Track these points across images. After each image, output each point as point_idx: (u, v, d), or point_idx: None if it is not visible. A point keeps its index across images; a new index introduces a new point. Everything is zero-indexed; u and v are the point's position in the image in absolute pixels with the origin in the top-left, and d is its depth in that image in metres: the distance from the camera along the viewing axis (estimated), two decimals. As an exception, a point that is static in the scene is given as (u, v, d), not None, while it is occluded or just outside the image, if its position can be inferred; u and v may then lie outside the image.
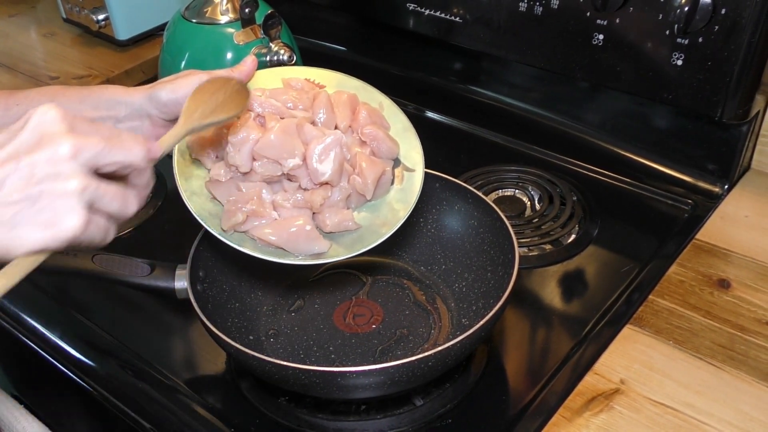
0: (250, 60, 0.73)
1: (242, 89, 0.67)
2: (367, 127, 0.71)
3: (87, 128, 0.50)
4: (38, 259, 0.49)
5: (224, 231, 0.66)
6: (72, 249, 0.50)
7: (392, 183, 0.72)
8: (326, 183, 0.68)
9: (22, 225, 0.46)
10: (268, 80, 0.74)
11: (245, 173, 0.67)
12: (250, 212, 0.66)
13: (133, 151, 0.51)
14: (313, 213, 0.68)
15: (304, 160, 0.67)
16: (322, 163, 0.67)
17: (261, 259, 0.65)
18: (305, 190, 0.68)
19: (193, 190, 0.68)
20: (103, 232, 0.50)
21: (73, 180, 0.47)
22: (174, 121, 0.71)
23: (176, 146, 0.69)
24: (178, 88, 0.68)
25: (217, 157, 0.70)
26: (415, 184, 0.71)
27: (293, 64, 0.94)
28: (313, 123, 0.70)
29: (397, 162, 0.73)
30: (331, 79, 0.76)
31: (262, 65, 0.95)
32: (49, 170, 0.47)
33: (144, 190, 0.55)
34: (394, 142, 0.72)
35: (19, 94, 0.70)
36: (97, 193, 0.48)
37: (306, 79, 0.75)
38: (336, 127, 0.71)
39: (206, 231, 0.74)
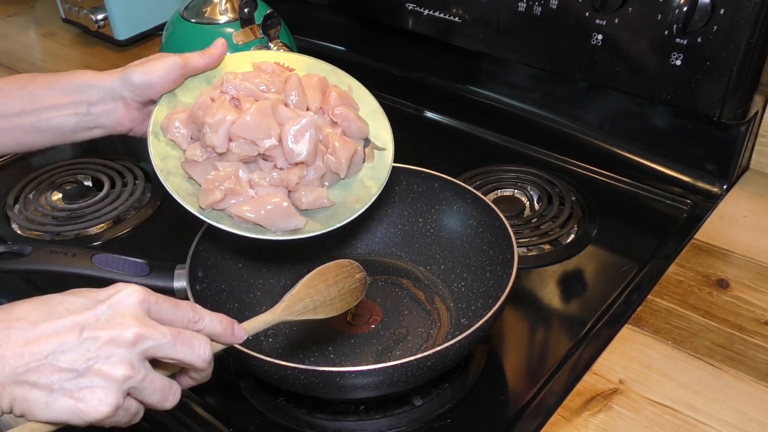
0: (220, 43, 0.74)
1: (361, 286, 0.67)
2: (337, 108, 0.73)
3: (166, 314, 0.51)
4: (52, 427, 0.49)
5: (202, 209, 0.67)
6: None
7: (363, 161, 0.73)
8: (301, 162, 0.69)
9: (57, 392, 0.47)
10: (238, 64, 0.75)
11: (221, 153, 0.69)
12: (227, 190, 0.67)
13: (197, 353, 0.52)
14: (289, 191, 0.70)
15: (280, 140, 0.68)
16: (297, 143, 0.68)
17: (258, 260, 0.66)
18: (281, 169, 0.70)
19: (169, 170, 0.69)
20: (131, 416, 0.51)
21: (120, 367, 0.48)
22: (148, 103, 0.73)
23: (150, 127, 0.70)
24: (151, 70, 0.70)
25: (191, 138, 0.71)
26: (386, 161, 0.74)
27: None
28: (285, 105, 0.71)
29: (367, 141, 0.75)
30: (300, 63, 0.77)
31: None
32: (105, 351, 0.48)
33: (193, 384, 0.55)
34: (364, 122, 0.74)
35: None
36: (140, 384, 0.49)
37: (276, 62, 0.76)
38: (308, 109, 0.72)
39: (205, 231, 0.75)
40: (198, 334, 0.53)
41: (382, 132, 0.75)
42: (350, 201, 0.71)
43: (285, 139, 0.68)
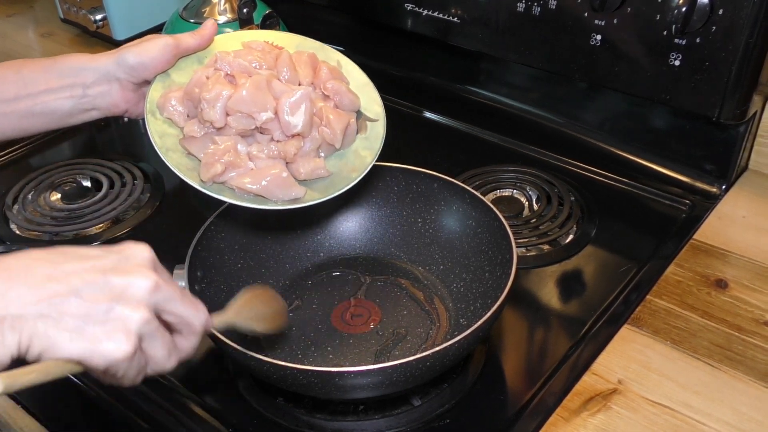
0: (210, 24, 0.76)
1: (283, 315, 0.68)
2: (329, 82, 0.74)
3: (168, 277, 0.53)
4: (67, 369, 0.48)
5: (203, 183, 0.68)
6: (100, 375, 0.50)
7: (357, 133, 0.75)
8: (298, 134, 0.71)
9: (79, 331, 0.47)
10: (228, 44, 0.77)
11: (219, 128, 0.70)
12: (227, 163, 0.68)
13: (199, 314, 0.54)
14: (287, 163, 0.71)
15: (276, 113, 0.70)
16: (293, 115, 0.70)
17: (257, 260, 0.66)
18: (278, 141, 0.71)
19: (168, 147, 0.70)
20: (135, 371, 0.51)
21: (140, 311, 0.49)
22: (142, 84, 0.74)
23: (147, 106, 0.72)
24: (144, 51, 0.71)
25: (188, 115, 0.72)
26: (379, 132, 0.75)
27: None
28: (279, 80, 0.72)
29: (359, 114, 0.76)
30: (289, 41, 0.79)
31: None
32: (126, 295, 0.48)
33: (184, 353, 0.56)
34: (355, 96, 0.76)
35: None
36: (153, 333, 0.50)
37: (265, 41, 0.77)
38: (300, 84, 0.73)
39: (203, 231, 0.75)
40: (199, 301, 0.55)
41: (372, 105, 0.77)
42: (347, 170, 0.73)
43: (281, 112, 0.70)
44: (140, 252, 0.51)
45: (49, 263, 0.48)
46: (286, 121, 0.70)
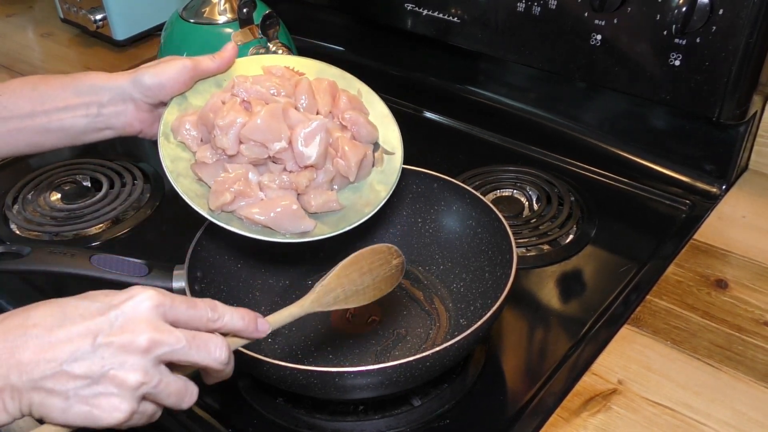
0: (230, 47, 0.74)
1: (398, 272, 0.65)
2: (347, 112, 0.73)
3: (182, 316, 0.51)
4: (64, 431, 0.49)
5: (212, 211, 0.67)
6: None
7: (373, 165, 0.74)
8: (311, 166, 0.69)
9: (73, 399, 0.48)
10: (248, 68, 0.75)
11: (232, 156, 0.69)
12: (237, 192, 0.67)
13: (213, 356, 0.52)
14: (298, 194, 0.70)
15: (290, 143, 0.68)
16: (307, 146, 0.68)
17: (257, 260, 0.66)
18: (290, 172, 0.70)
19: (179, 172, 0.69)
20: (147, 418, 0.51)
21: (134, 374, 0.48)
22: (158, 105, 0.72)
23: (161, 129, 0.71)
24: (162, 72, 0.70)
25: (201, 140, 0.71)
26: (395, 165, 0.74)
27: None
28: (296, 109, 0.71)
29: (376, 146, 0.75)
30: (310, 67, 0.78)
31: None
32: (120, 358, 0.48)
33: (218, 380, 0.55)
34: (374, 127, 0.74)
35: (1, 85, 0.70)
36: (155, 390, 0.50)
37: (286, 66, 0.76)
38: (318, 113, 0.72)
39: (203, 231, 0.74)
40: (214, 337, 0.52)
41: (391, 136, 0.75)
42: (360, 204, 0.71)
43: (295, 142, 0.68)
44: (141, 303, 0.50)
45: (44, 330, 0.48)
46: (299, 151, 0.68)
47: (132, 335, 0.48)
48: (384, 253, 0.65)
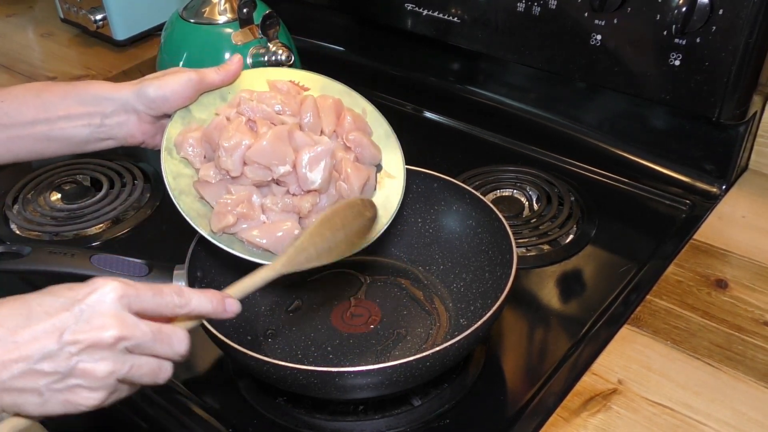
0: (236, 59, 0.73)
1: (369, 224, 0.64)
2: (351, 133, 0.72)
3: (149, 305, 0.52)
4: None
5: (213, 233, 0.67)
6: None
7: (375, 189, 0.73)
8: (315, 190, 0.69)
9: (47, 393, 0.49)
10: (253, 81, 0.75)
11: (235, 177, 0.68)
12: (240, 215, 0.67)
13: (175, 349, 0.53)
14: (300, 217, 0.69)
15: (294, 167, 0.68)
16: (312, 171, 0.68)
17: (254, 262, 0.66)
18: (293, 195, 0.69)
19: (182, 189, 0.69)
20: (128, 392, 0.53)
21: (103, 365, 0.49)
22: (161, 117, 0.72)
23: (164, 143, 0.70)
24: (166, 84, 0.70)
25: (205, 157, 0.70)
26: (397, 190, 0.74)
27: (291, 65, 0.94)
28: (300, 126, 0.71)
29: (379, 167, 0.74)
30: (315, 82, 0.77)
31: (259, 65, 0.95)
32: (86, 353, 0.49)
33: (177, 359, 0.56)
34: (377, 149, 0.74)
35: (3, 91, 0.70)
36: (127, 374, 0.51)
37: (290, 81, 0.75)
38: (321, 132, 0.72)
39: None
40: (177, 331, 0.54)
41: (393, 158, 0.75)
42: None
43: (299, 166, 0.68)
44: (105, 296, 0.50)
45: (8, 332, 0.48)
46: (303, 175, 0.68)
47: (98, 331, 0.49)
48: (357, 206, 0.64)
